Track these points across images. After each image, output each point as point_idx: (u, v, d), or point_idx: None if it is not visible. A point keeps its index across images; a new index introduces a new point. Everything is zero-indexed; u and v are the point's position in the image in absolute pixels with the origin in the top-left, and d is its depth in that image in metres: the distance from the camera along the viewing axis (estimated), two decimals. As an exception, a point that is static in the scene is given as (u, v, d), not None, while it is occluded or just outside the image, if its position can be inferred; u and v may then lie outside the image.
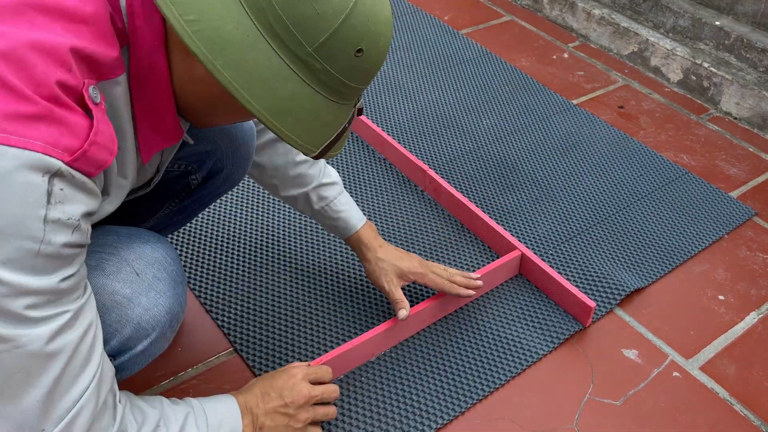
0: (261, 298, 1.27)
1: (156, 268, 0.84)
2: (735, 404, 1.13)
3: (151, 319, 0.83)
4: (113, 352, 0.82)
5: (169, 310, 0.85)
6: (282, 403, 0.95)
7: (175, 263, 0.88)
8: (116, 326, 0.80)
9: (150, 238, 0.87)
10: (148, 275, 0.83)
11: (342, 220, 1.16)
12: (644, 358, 1.20)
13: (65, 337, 0.65)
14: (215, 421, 0.87)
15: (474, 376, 1.15)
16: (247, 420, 0.92)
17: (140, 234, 0.88)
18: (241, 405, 0.92)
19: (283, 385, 0.97)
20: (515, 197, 1.52)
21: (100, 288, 0.79)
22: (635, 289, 1.31)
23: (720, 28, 1.87)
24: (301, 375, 0.99)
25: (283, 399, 0.96)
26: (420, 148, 1.65)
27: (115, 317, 0.80)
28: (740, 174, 1.62)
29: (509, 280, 1.32)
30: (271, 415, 0.95)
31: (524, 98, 1.84)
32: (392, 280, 1.15)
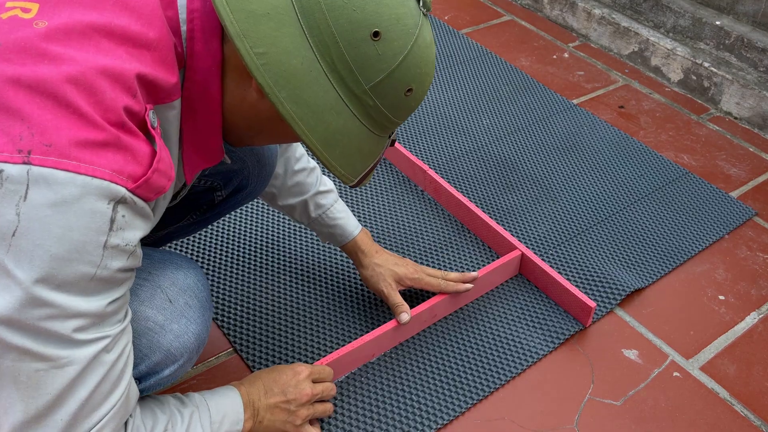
0: (261, 298, 1.27)
1: (188, 296, 0.86)
2: (735, 404, 1.13)
3: (181, 346, 0.84)
4: (140, 376, 0.83)
5: (198, 336, 0.87)
6: (284, 399, 0.97)
7: (205, 289, 0.90)
8: (147, 351, 0.82)
9: (182, 263, 0.89)
10: (180, 302, 0.85)
11: (339, 227, 1.17)
12: (644, 358, 1.20)
13: (102, 360, 0.66)
14: (218, 416, 0.88)
15: (474, 376, 1.15)
16: (248, 413, 0.93)
17: (173, 259, 0.89)
18: (243, 397, 0.94)
19: (288, 382, 0.98)
20: (515, 197, 1.52)
21: (134, 314, 0.81)
22: (635, 289, 1.31)
23: (720, 27, 1.87)
24: (306, 373, 1.00)
25: (285, 396, 0.97)
26: (420, 148, 1.65)
27: (146, 343, 0.82)
28: (740, 174, 1.62)
29: (509, 280, 1.32)
30: (271, 410, 0.96)
31: (524, 98, 1.84)
32: (390, 284, 1.17)
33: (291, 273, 1.32)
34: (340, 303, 1.26)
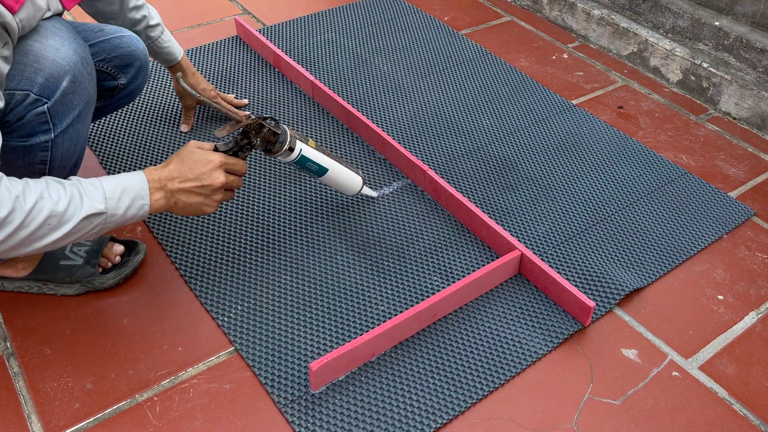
0: (261, 298, 1.27)
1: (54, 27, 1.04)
2: (734, 404, 1.14)
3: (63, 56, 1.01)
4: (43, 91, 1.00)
5: (75, 50, 1.04)
6: (199, 184, 1.08)
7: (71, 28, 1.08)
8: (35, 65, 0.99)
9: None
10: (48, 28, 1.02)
11: (166, 53, 1.52)
12: (643, 357, 1.20)
13: None
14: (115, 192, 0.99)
15: (473, 376, 1.15)
16: (159, 194, 1.05)
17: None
18: (153, 180, 1.05)
19: (202, 170, 1.08)
20: (515, 197, 1.52)
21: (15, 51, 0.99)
22: (635, 289, 1.32)
23: (719, 28, 1.87)
24: (219, 162, 1.10)
25: (200, 181, 1.08)
26: (420, 148, 1.65)
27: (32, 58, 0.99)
28: (739, 174, 1.63)
29: (509, 280, 1.32)
30: (186, 194, 1.08)
31: (524, 98, 1.84)
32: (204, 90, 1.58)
33: (291, 272, 1.32)
34: (340, 303, 1.27)
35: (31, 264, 1.23)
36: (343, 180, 1.36)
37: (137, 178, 1.03)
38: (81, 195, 0.96)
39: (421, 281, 1.31)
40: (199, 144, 1.12)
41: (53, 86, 1.01)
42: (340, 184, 1.37)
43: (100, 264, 1.27)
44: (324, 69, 1.93)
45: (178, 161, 1.08)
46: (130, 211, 1.02)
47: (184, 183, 1.07)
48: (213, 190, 1.10)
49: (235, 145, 1.15)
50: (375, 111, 1.77)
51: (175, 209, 1.09)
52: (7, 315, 1.23)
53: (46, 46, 1.01)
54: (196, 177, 1.08)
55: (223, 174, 1.10)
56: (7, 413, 1.08)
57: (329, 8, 2.23)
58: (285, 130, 1.20)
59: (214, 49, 2.00)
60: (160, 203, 1.06)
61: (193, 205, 1.10)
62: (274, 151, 1.20)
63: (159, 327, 1.22)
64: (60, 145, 1.08)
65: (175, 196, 1.07)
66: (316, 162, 1.28)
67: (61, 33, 1.04)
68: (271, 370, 1.15)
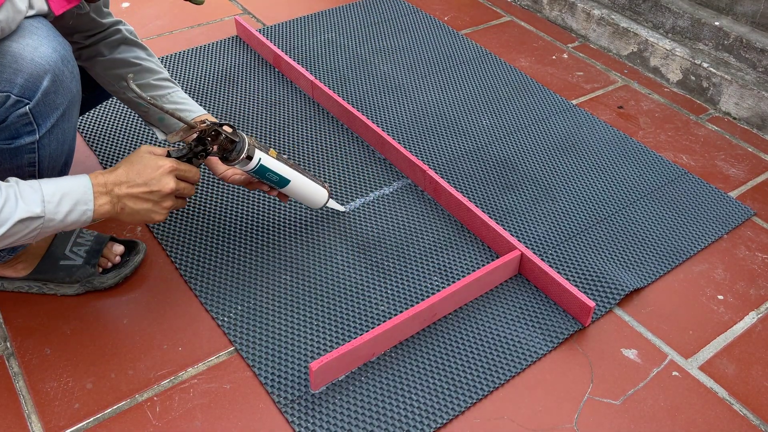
0: (261, 298, 1.27)
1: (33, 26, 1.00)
2: (734, 404, 1.14)
3: (42, 56, 0.98)
4: (23, 92, 0.97)
5: (55, 48, 1.00)
6: (148, 190, 1.04)
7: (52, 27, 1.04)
8: (14, 65, 0.96)
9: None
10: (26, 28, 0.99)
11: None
12: (643, 357, 1.20)
13: None
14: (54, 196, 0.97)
15: (473, 376, 1.15)
16: (104, 199, 1.02)
17: None
18: (98, 184, 1.01)
19: (152, 175, 1.04)
20: (515, 197, 1.52)
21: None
22: (634, 289, 1.32)
23: (719, 28, 1.87)
24: (169, 168, 1.06)
25: (149, 187, 1.04)
26: (420, 148, 1.65)
27: (9, 59, 0.96)
28: (739, 174, 1.63)
29: (509, 279, 1.32)
30: (134, 199, 1.04)
31: (524, 98, 1.84)
32: None
33: (291, 272, 1.32)
34: (340, 303, 1.27)
35: (30, 264, 1.23)
36: (307, 192, 1.30)
37: (80, 182, 1.00)
38: (17, 197, 0.94)
39: (421, 281, 1.31)
40: (150, 148, 1.08)
41: (34, 86, 0.99)
42: (304, 197, 1.31)
43: (100, 264, 1.27)
44: (324, 69, 1.93)
45: (127, 165, 1.05)
46: (71, 216, 0.99)
47: (131, 188, 1.03)
48: (162, 197, 1.06)
49: (189, 151, 1.10)
50: (375, 111, 1.77)
51: (122, 215, 1.05)
52: (7, 315, 1.23)
53: (24, 46, 0.98)
54: (145, 182, 1.04)
55: (174, 180, 1.06)
56: (7, 413, 1.08)
57: (329, 8, 2.23)
58: (243, 138, 1.14)
59: (214, 49, 2.00)
60: (104, 208, 1.02)
61: (141, 212, 1.06)
62: (231, 159, 1.13)
63: (159, 327, 1.22)
64: (47, 146, 1.06)
65: (122, 202, 1.04)
66: (277, 172, 1.22)
67: (39, 32, 1.00)
68: (271, 370, 1.15)
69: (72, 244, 1.26)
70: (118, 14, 2.17)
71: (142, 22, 2.13)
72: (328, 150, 1.63)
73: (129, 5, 2.23)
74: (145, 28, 2.11)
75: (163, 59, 1.94)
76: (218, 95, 1.81)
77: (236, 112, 1.74)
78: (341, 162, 1.60)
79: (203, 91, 1.82)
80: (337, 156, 1.61)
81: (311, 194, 1.32)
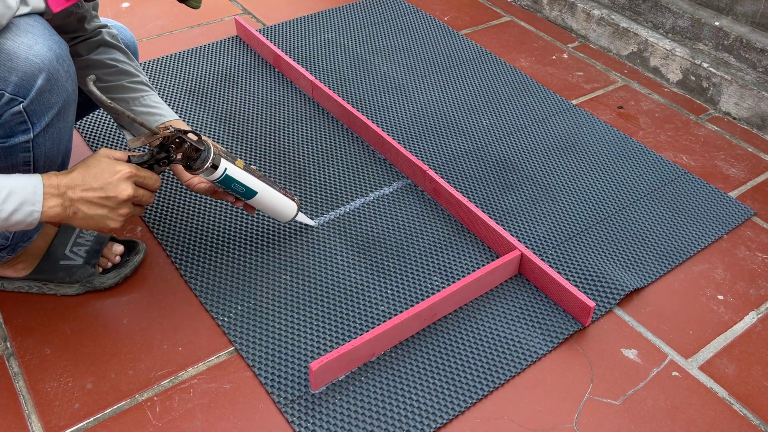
0: (261, 298, 1.27)
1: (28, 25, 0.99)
2: (734, 404, 1.14)
3: (37, 54, 0.97)
4: (18, 90, 0.96)
5: (50, 47, 0.99)
6: (104, 195, 1.00)
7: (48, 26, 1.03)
8: (8, 64, 0.95)
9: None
10: (21, 26, 0.98)
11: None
12: (643, 357, 1.20)
13: None
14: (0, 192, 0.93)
15: (473, 376, 1.15)
16: (55, 201, 0.98)
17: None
18: (51, 185, 0.98)
19: (109, 180, 1.00)
20: (515, 197, 1.52)
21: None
22: (634, 289, 1.32)
23: (719, 28, 1.87)
24: (127, 173, 1.01)
25: (105, 192, 1.00)
26: (420, 148, 1.65)
27: (4, 57, 0.95)
28: (739, 174, 1.63)
29: (509, 279, 1.32)
30: (88, 204, 1.00)
31: (524, 98, 1.84)
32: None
33: (291, 272, 1.32)
34: (340, 303, 1.27)
35: (31, 264, 1.23)
36: (274, 205, 1.27)
37: (30, 182, 0.97)
38: None
39: (421, 281, 1.31)
40: (110, 152, 1.04)
41: (28, 85, 0.98)
42: (271, 209, 1.28)
43: (100, 264, 1.27)
44: (324, 69, 1.93)
45: (84, 168, 1.01)
46: (16, 215, 0.95)
47: (86, 192, 0.99)
48: (118, 203, 1.01)
49: (151, 157, 1.06)
50: (375, 111, 1.77)
51: (74, 220, 1.01)
52: (7, 315, 1.23)
53: (19, 44, 0.96)
54: (101, 187, 1.00)
55: (132, 186, 1.02)
56: (7, 413, 1.08)
57: (329, 8, 2.23)
58: (209, 146, 1.10)
59: (214, 49, 2.00)
60: (54, 211, 0.98)
61: (95, 218, 1.01)
62: (195, 168, 1.10)
63: (159, 327, 1.22)
64: (41, 145, 1.06)
65: (75, 206, 0.99)
66: (243, 183, 1.18)
67: (34, 30, 0.99)
68: (271, 370, 1.15)
69: (72, 244, 1.26)
70: (118, 14, 2.17)
71: (142, 22, 2.13)
72: (328, 150, 1.63)
73: (129, 5, 2.23)
74: (145, 28, 2.11)
75: (163, 59, 1.94)
76: (218, 95, 1.81)
77: (236, 112, 1.74)
78: (341, 162, 1.60)
79: (203, 91, 1.82)
80: (337, 156, 1.61)
81: (279, 207, 1.28)
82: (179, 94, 1.80)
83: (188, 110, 1.75)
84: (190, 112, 1.74)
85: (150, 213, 1.44)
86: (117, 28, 1.41)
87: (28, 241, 1.20)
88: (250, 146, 1.63)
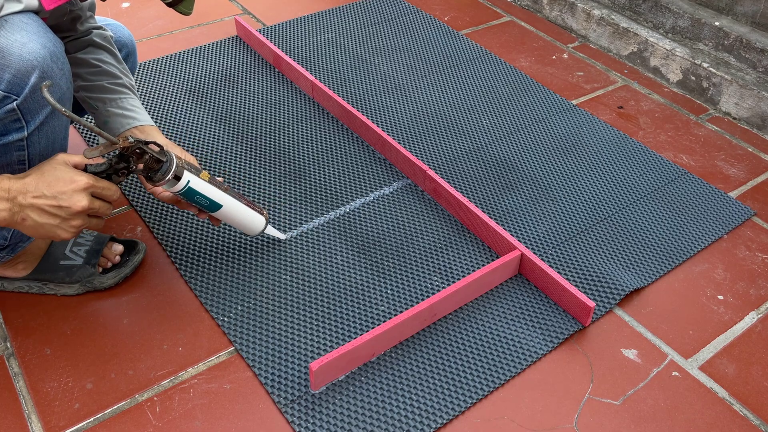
0: (261, 298, 1.27)
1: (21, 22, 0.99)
2: (734, 404, 1.14)
3: (30, 52, 0.97)
4: (10, 88, 0.96)
5: (44, 45, 0.99)
6: (56, 204, 0.96)
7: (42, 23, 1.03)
8: (2, 62, 0.95)
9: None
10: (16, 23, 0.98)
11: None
12: (644, 357, 1.20)
13: None
14: None
15: (473, 376, 1.15)
16: (4, 205, 0.94)
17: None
18: (1, 188, 0.94)
19: (63, 189, 0.96)
20: (515, 197, 1.52)
21: None
22: (635, 289, 1.32)
23: (719, 28, 1.87)
24: (85, 184, 0.98)
25: (57, 201, 0.96)
26: (420, 148, 1.65)
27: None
28: (739, 174, 1.63)
29: (509, 280, 1.32)
30: (38, 211, 0.96)
31: (524, 98, 1.84)
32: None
33: (291, 272, 1.32)
34: (340, 303, 1.27)
35: (30, 264, 1.23)
36: (241, 219, 1.24)
37: None
38: None
39: (421, 281, 1.31)
40: (68, 157, 0.99)
41: (21, 82, 0.97)
42: (237, 223, 1.25)
43: (100, 264, 1.27)
44: (324, 69, 1.93)
45: (38, 174, 0.97)
46: None
47: (37, 199, 0.95)
48: (71, 214, 0.97)
49: (110, 167, 1.02)
50: (375, 111, 1.77)
51: (23, 226, 0.97)
52: (7, 315, 1.23)
53: (12, 42, 0.96)
54: (54, 195, 0.95)
55: (87, 198, 0.98)
56: (7, 413, 1.08)
57: (329, 8, 2.23)
58: (171, 158, 1.07)
59: (214, 49, 2.00)
60: (1, 215, 0.94)
61: (45, 226, 0.97)
62: (156, 180, 1.06)
63: (159, 327, 1.22)
64: (36, 143, 1.05)
65: (25, 212, 0.96)
66: (206, 196, 1.14)
67: (28, 28, 0.98)
68: (271, 370, 1.15)
69: (72, 244, 1.26)
70: (118, 14, 2.17)
71: (142, 23, 2.13)
72: (328, 150, 1.63)
73: (129, 5, 2.23)
74: (145, 28, 2.11)
75: (163, 59, 1.94)
76: (218, 95, 1.81)
77: (236, 112, 1.74)
78: (341, 162, 1.60)
79: (203, 91, 1.82)
80: (337, 156, 1.61)
81: (246, 221, 1.25)
82: (179, 94, 1.80)
83: (188, 110, 1.75)
84: (190, 112, 1.74)
85: (150, 213, 1.44)
86: (114, 26, 1.41)
87: (28, 241, 1.20)
88: (250, 146, 1.63)
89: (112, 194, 1.02)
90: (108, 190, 1.01)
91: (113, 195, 1.02)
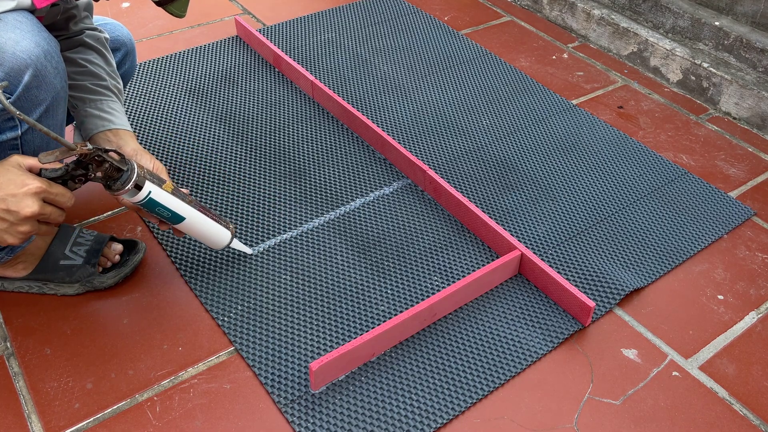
0: (261, 298, 1.27)
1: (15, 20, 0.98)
2: (734, 404, 1.14)
3: (24, 50, 0.96)
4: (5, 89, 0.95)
5: (38, 43, 0.99)
6: (4, 208, 0.93)
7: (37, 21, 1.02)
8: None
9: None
10: (10, 21, 0.98)
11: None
12: (644, 357, 1.20)
13: None
14: None
15: (473, 376, 1.15)
16: None
17: None
18: None
19: (13, 192, 0.93)
20: (515, 197, 1.52)
21: None
22: (635, 289, 1.32)
23: (719, 28, 1.87)
24: (36, 188, 0.94)
25: (6, 204, 0.93)
26: (420, 148, 1.65)
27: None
28: (739, 174, 1.63)
29: (509, 279, 1.32)
30: None
31: (524, 98, 1.84)
32: None
33: (291, 272, 1.32)
34: (340, 303, 1.27)
35: (31, 264, 1.23)
36: (205, 232, 1.20)
37: None
38: None
39: (421, 281, 1.31)
40: (21, 160, 0.96)
41: (15, 81, 0.96)
42: (201, 236, 1.21)
43: (100, 263, 1.27)
44: (324, 69, 1.93)
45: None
46: None
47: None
48: (20, 219, 0.94)
49: (66, 173, 0.99)
50: (375, 111, 1.77)
51: None
52: (7, 315, 1.23)
53: (6, 40, 0.96)
54: (2, 198, 0.92)
55: (38, 203, 0.94)
56: (7, 413, 1.08)
57: (329, 8, 2.23)
58: (132, 168, 1.04)
59: (214, 49, 2.00)
60: None
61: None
62: (115, 189, 1.03)
63: (159, 327, 1.22)
64: (30, 142, 1.04)
65: None
66: (168, 208, 1.11)
67: (22, 26, 0.98)
68: (271, 370, 1.15)
69: (72, 244, 1.26)
70: (118, 14, 2.17)
71: (142, 23, 2.13)
72: (328, 150, 1.63)
73: (129, 5, 2.23)
74: (145, 28, 2.11)
75: (163, 59, 1.94)
76: (218, 95, 1.81)
77: (236, 112, 1.74)
78: (341, 162, 1.60)
79: (203, 91, 1.82)
80: (337, 156, 1.61)
81: (209, 234, 1.22)
82: (179, 94, 1.80)
83: (188, 110, 1.75)
84: (190, 112, 1.74)
85: (150, 213, 1.44)
86: (113, 26, 1.41)
87: (28, 241, 1.20)
88: (250, 146, 1.63)
89: (65, 201, 0.99)
90: (62, 196, 0.98)
91: (67, 202, 0.99)
